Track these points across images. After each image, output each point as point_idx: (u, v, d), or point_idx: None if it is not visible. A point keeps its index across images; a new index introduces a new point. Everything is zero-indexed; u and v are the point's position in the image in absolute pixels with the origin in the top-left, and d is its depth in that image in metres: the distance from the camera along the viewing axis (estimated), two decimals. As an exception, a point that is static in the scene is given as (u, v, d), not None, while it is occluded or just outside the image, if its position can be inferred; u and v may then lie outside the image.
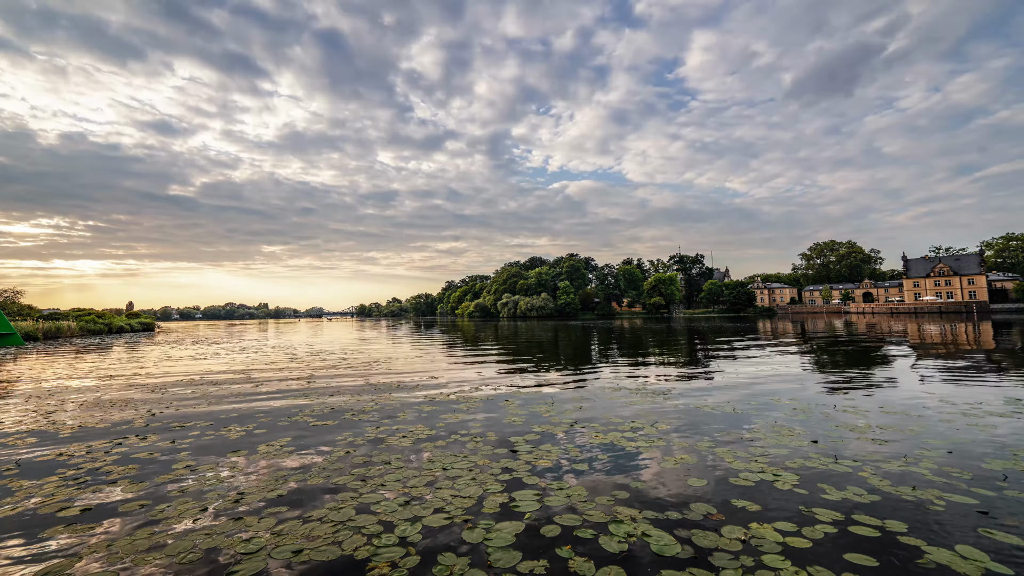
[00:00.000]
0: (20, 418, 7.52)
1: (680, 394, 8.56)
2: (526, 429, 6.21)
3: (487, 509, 3.72)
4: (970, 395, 7.94)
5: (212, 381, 11.49)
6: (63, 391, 10.26)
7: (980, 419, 6.30)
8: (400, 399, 8.59)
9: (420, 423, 6.66)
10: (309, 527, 3.45)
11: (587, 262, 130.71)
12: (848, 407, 7.20)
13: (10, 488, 4.38)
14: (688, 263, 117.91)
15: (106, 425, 6.93)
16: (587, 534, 3.29)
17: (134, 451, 5.54)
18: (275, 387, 10.33)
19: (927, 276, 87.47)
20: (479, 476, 4.46)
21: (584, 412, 7.17)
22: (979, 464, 4.56)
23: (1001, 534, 3.19)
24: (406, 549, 3.12)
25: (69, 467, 4.97)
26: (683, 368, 12.53)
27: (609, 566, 2.89)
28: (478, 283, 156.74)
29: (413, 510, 3.71)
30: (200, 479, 4.53)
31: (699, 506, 3.70)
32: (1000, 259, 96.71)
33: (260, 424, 6.79)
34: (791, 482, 4.16)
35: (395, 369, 13.35)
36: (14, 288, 54.59)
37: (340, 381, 11.08)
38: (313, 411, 7.62)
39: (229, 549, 3.15)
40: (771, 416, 6.71)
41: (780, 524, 3.37)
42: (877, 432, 5.77)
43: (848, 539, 3.16)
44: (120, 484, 4.42)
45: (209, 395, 9.41)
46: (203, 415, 7.49)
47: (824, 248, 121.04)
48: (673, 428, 6.15)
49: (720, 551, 3.03)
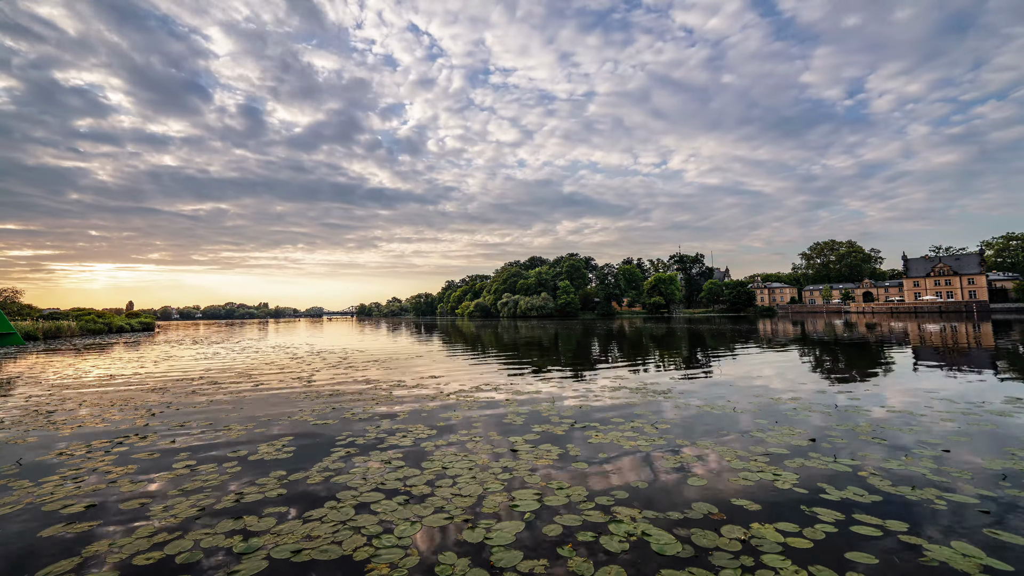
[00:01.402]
0: (20, 418, 7.53)
1: (680, 393, 8.56)
2: (526, 429, 6.21)
3: (487, 509, 3.72)
4: (970, 394, 7.94)
5: (212, 380, 11.49)
6: (63, 391, 10.26)
7: (980, 418, 6.30)
8: (400, 398, 8.59)
9: (420, 422, 6.66)
10: (309, 527, 3.45)
11: (587, 261, 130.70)
12: (848, 406, 7.20)
13: (11, 488, 4.38)
14: (688, 262, 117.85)
15: (106, 425, 6.93)
16: (587, 535, 3.29)
17: (134, 451, 5.55)
18: (276, 386, 10.34)
19: (927, 276, 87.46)
20: (479, 475, 4.46)
21: (584, 411, 7.17)
22: (979, 463, 4.56)
23: (1001, 533, 3.19)
24: (405, 550, 3.12)
25: (69, 466, 4.97)
26: (683, 367, 12.53)
27: (609, 565, 2.89)
28: (478, 283, 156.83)
29: (413, 510, 3.72)
30: (200, 478, 4.53)
31: (699, 505, 3.70)
32: (1000, 259, 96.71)
33: (260, 423, 6.79)
34: (791, 481, 4.16)
35: (395, 368, 13.35)
36: (14, 288, 54.68)
37: (341, 380, 11.08)
38: (314, 410, 7.62)
39: (230, 549, 3.15)
40: (771, 415, 6.71)
41: (780, 524, 3.37)
42: (877, 431, 5.78)
43: (849, 538, 3.16)
44: (120, 483, 4.42)
45: (210, 395, 9.41)
46: (203, 415, 7.49)
47: (824, 248, 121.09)
48: (673, 427, 6.15)
49: (720, 550, 3.03)
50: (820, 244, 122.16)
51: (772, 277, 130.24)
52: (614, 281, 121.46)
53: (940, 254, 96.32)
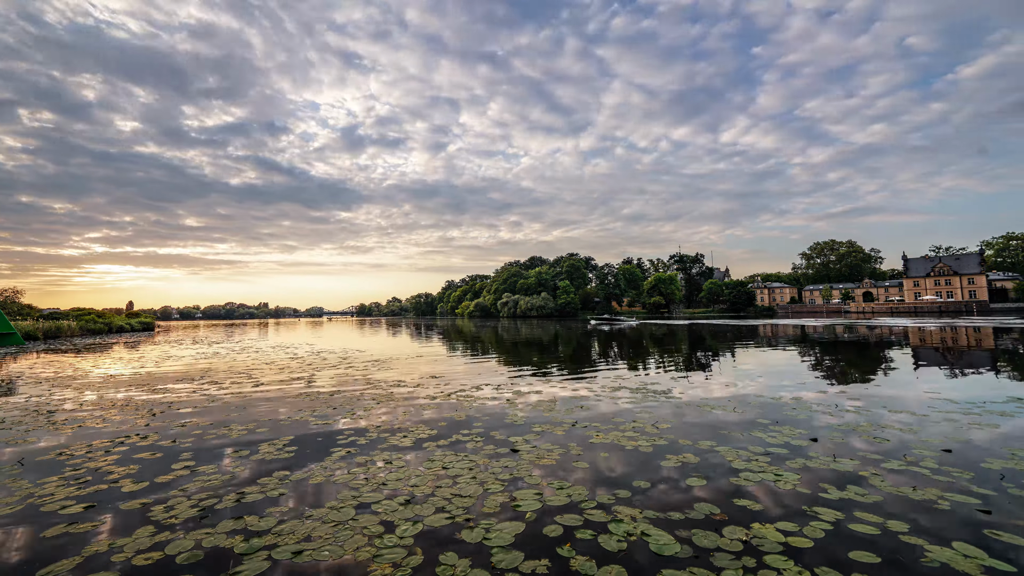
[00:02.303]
0: (21, 418, 7.52)
1: (681, 393, 8.56)
2: (527, 428, 6.21)
3: (488, 508, 3.71)
4: (970, 394, 7.94)
5: (213, 380, 11.49)
6: (63, 391, 10.26)
7: (980, 418, 6.30)
8: (400, 398, 8.59)
9: (420, 422, 6.66)
10: (310, 527, 3.44)
11: (587, 261, 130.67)
12: (848, 406, 7.19)
13: (10, 488, 4.38)
14: (688, 262, 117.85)
15: (107, 425, 6.93)
16: (587, 534, 3.29)
17: (135, 451, 5.55)
18: (276, 386, 10.33)
19: (927, 276, 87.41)
20: (480, 475, 4.46)
21: (585, 411, 7.17)
22: (980, 463, 4.56)
23: (1003, 533, 3.19)
24: (408, 549, 3.12)
25: (69, 466, 4.97)
26: (683, 367, 12.52)
27: (610, 565, 2.88)
28: (478, 282, 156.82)
29: (414, 509, 3.72)
30: (201, 478, 4.53)
31: (701, 506, 3.70)
32: (1000, 259, 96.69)
33: (261, 423, 6.79)
34: (792, 481, 4.16)
35: (396, 368, 13.35)
36: (14, 288, 54.72)
37: (341, 380, 11.08)
38: (314, 410, 7.62)
39: (230, 548, 3.15)
40: (772, 415, 6.70)
41: (782, 524, 3.37)
42: (878, 431, 5.77)
43: (850, 538, 3.16)
44: (121, 483, 4.42)
45: (210, 395, 9.41)
46: (204, 414, 7.49)
47: (824, 247, 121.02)
48: (674, 427, 6.15)
49: (721, 551, 3.02)
50: (820, 244, 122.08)
51: (772, 277, 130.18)
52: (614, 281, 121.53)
53: (940, 254, 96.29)
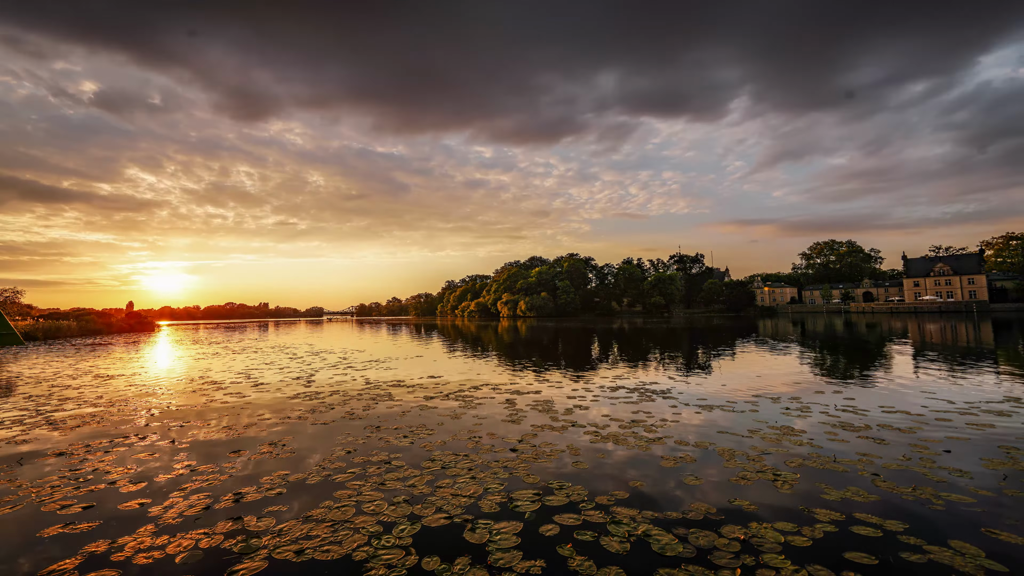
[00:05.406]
0: (20, 418, 7.53)
1: (679, 393, 8.56)
2: (526, 428, 6.21)
3: (486, 508, 3.72)
4: (969, 394, 7.94)
5: (212, 380, 11.49)
6: (63, 391, 10.26)
7: (979, 418, 6.30)
8: (400, 398, 8.59)
9: (420, 422, 6.67)
10: (309, 526, 3.45)
11: (587, 261, 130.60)
12: (847, 406, 7.20)
13: (11, 488, 4.38)
14: (688, 262, 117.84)
15: (106, 425, 6.93)
16: (587, 535, 3.29)
17: (134, 451, 5.55)
18: (275, 386, 10.33)
19: (927, 276, 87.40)
20: (479, 475, 4.46)
21: (584, 411, 7.17)
22: (979, 463, 4.56)
23: (1001, 532, 3.19)
24: (405, 550, 3.12)
25: (69, 467, 4.97)
26: (682, 367, 12.52)
27: (609, 566, 2.89)
28: (478, 282, 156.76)
29: (413, 509, 3.72)
30: (200, 478, 4.53)
31: (699, 505, 3.70)
32: (1000, 259, 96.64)
33: (260, 423, 6.79)
34: (791, 481, 4.16)
35: (395, 368, 13.35)
36: (14, 288, 54.71)
37: (340, 380, 11.08)
38: (313, 410, 7.62)
39: (230, 548, 3.16)
40: (770, 415, 6.71)
41: (780, 524, 3.37)
42: (876, 431, 5.78)
43: (848, 538, 3.16)
44: (120, 484, 4.42)
45: (209, 395, 9.41)
46: (203, 414, 7.49)
47: (824, 248, 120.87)
48: (673, 427, 6.15)
49: (720, 550, 3.03)
50: (820, 244, 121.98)
51: (772, 277, 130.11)
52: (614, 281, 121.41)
53: (940, 254, 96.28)
